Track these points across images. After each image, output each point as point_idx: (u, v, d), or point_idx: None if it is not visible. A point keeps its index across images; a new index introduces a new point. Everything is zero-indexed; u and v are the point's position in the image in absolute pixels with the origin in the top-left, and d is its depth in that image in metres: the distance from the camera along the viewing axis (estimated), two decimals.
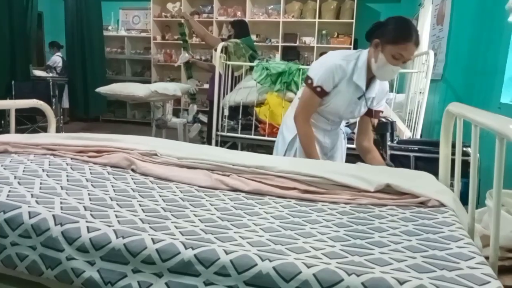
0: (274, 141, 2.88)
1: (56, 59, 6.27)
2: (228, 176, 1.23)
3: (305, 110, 1.64)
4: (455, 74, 2.93)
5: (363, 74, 1.56)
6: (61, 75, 6.04)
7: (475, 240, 1.03)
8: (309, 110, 1.65)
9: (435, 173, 1.35)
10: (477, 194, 1.12)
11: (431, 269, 0.70)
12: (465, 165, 1.23)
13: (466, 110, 1.09)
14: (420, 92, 2.80)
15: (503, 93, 1.98)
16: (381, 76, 1.54)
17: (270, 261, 0.71)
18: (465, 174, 1.21)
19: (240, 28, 3.50)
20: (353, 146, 2.85)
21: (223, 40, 3.38)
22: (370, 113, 1.71)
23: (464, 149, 1.58)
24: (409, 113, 3.07)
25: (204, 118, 4.21)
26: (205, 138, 3.92)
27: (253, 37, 4.91)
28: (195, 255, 0.73)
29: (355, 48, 5.56)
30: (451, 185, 1.29)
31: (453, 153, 1.27)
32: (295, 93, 3.18)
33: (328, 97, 1.62)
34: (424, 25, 4.29)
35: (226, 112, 3.01)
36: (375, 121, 1.78)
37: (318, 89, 1.58)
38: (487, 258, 0.81)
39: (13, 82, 4.59)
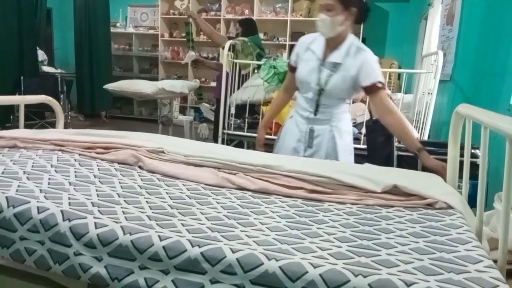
0: None
1: None
2: (235, 174, 1.23)
3: (283, 83, 2.02)
4: (464, 75, 2.90)
5: (320, 43, 1.69)
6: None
7: (482, 243, 1.02)
8: (285, 82, 1.98)
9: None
10: (485, 197, 1.11)
11: (438, 272, 0.70)
12: (473, 167, 1.22)
13: (475, 112, 1.08)
14: (429, 93, 2.78)
15: None
16: (319, 31, 1.64)
17: (277, 260, 0.71)
18: (473, 176, 1.20)
19: (248, 26, 3.49)
20: (360, 146, 2.84)
21: (230, 38, 3.37)
22: (366, 90, 1.66)
23: (473, 151, 1.56)
24: (417, 113, 3.05)
25: (210, 116, 4.22)
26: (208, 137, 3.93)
27: (261, 35, 4.89)
28: (201, 253, 0.74)
29: None
30: (459, 187, 1.28)
31: (461, 155, 1.25)
32: None
33: (297, 68, 1.79)
34: (434, 25, 4.25)
35: (233, 111, 3.01)
36: (377, 96, 1.62)
37: (288, 61, 1.89)
38: (495, 261, 0.80)
39: (22, 77, 4.64)
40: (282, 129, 1.92)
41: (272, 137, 2.86)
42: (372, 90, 1.62)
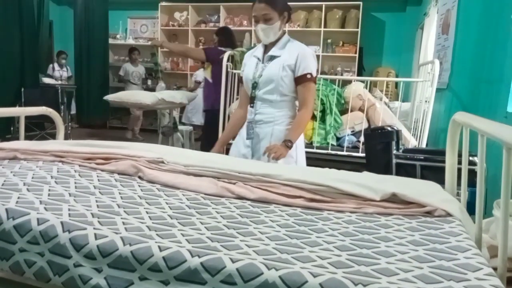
0: None
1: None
2: (234, 184, 1.23)
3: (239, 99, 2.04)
4: (461, 83, 2.93)
5: (260, 48, 1.82)
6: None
7: (482, 251, 1.02)
8: (240, 96, 1.96)
9: (441, 182, 1.35)
10: (484, 204, 1.11)
11: (438, 280, 0.70)
12: (472, 174, 1.22)
13: (472, 120, 1.09)
14: (426, 101, 2.80)
15: (510, 102, 1.97)
16: (262, 39, 1.74)
17: (276, 270, 0.71)
18: (471, 183, 1.21)
19: (224, 36, 3.39)
20: (358, 154, 2.85)
21: (206, 50, 3.29)
22: (296, 80, 1.73)
23: (471, 158, 1.57)
24: (414, 121, 3.07)
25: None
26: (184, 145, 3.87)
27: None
28: (201, 263, 0.74)
29: (360, 56, 5.58)
30: (458, 195, 1.28)
31: (459, 162, 1.26)
32: None
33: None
34: (430, 34, 4.30)
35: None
36: (301, 87, 1.72)
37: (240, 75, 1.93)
38: (495, 269, 0.80)
39: (22, 89, 4.66)
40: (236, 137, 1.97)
41: None
42: (301, 80, 1.72)
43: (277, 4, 1.67)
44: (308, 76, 1.70)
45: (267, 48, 1.79)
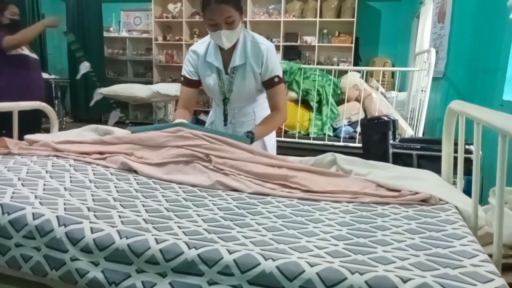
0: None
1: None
2: (228, 175, 1.22)
3: (179, 100, 1.70)
4: (457, 72, 2.93)
5: (214, 52, 1.56)
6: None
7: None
8: (180, 99, 1.68)
9: (438, 171, 1.35)
10: (480, 192, 1.12)
11: (434, 267, 0.70)
12: (468, 162, 1.23)
13: (468, 108, 1.08)
14: (422, 90, 2.80)
15: (506, 90, 1.97)
16: (224, 45, 1.47)
17: (273, 260, 0.71)
18: (468, 171, 1.21)
19: None
20: (355, 144, 2.85)
21: None
22: (264, 84, 1.58)
23: (467, 146, 1.58)
24: (411, 111, 3.07)
25: (205, 118, 4.21)
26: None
27: None
28: (198, 255, 0.74)
29: (356, 46, 5.55)
30: (454, 183, 1.29)
31: (456, 151, 1.26)
32: (297, 93, 3.19)
33: (203, 83, 1.64)
34: (426, 23, 4.28)
35: None
36: (271, 91, 1.57)
37: (182, 78, 1.65)
38: (490, 256, 0.81)
39: None
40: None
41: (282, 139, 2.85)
42: (268, 84, 1.56)
43: (238, 2, 1.42)
44: (276, 79, 1.55)
45: (223, 53, 1.54)
